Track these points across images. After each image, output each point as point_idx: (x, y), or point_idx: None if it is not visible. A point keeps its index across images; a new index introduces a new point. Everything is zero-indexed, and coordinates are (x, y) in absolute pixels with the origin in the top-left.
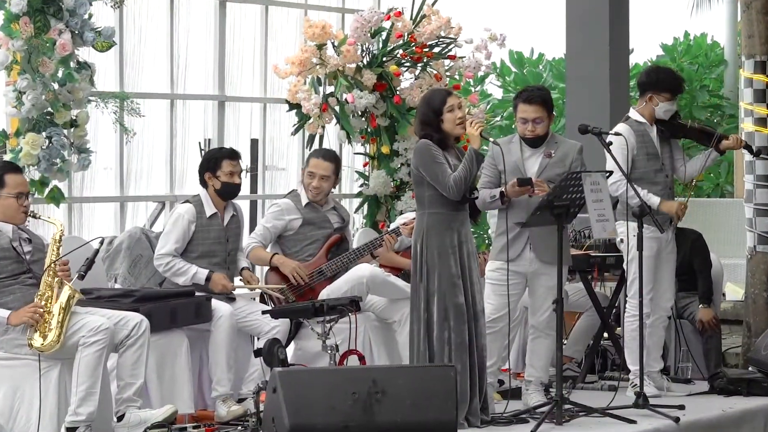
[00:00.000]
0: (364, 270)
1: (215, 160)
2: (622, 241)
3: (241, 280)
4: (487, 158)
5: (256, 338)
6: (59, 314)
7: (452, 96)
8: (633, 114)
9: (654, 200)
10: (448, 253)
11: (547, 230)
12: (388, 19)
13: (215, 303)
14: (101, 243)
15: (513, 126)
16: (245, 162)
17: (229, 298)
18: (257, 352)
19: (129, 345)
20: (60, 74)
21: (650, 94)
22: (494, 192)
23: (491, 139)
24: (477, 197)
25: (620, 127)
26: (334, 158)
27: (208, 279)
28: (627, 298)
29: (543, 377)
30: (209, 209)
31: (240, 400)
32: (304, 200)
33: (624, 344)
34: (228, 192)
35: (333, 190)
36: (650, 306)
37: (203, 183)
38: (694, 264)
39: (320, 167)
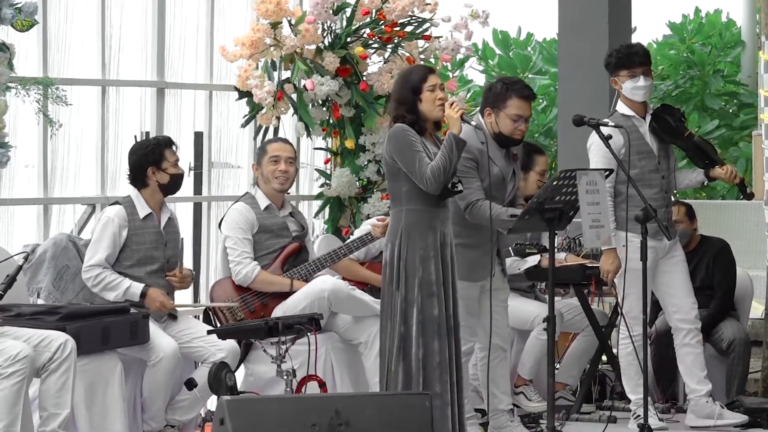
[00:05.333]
0: (325, 283)
1: (158, 151)
2: None
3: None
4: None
5: (200, 363)
6: None
7: (434, 75)
8: (620, 107)
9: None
10: (430, 256)
11: (510, 239)
12: None
13: (157, 339)
14: (26, 258)
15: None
16: (188, 159)
17: (171, 316)
18: (189, 384)
19: (52, 370)
20: None
21: (612, 78)
22: (516, 211)
23: (473, 123)
24: (461, 190)
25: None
26: (291, 144)
27: (143, 295)
28: (621, 317)
29: (510, 402)
30: (143, 210)
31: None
32: (263, 203)
33: (635, 370)
34: (176, 185)
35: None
36: (655, 324)
37: (141, 181)
38: (715, 277)
39: (284, 150)
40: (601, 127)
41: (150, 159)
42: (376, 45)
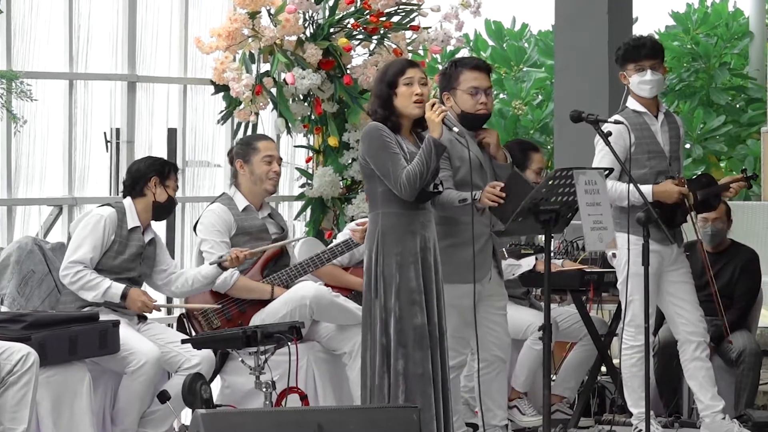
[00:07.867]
0: (307, 289)
1: (167, 167)
2: (614, 255)
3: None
4: None
5: (173, 373)
6: None
7: (414, 68)
8: (631, 102)
9: (646, 189)
10: (408, 262)
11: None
12: None
13: (137, 344)
14: None
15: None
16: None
17: (140, 316)
18: (162, 396)
19: (11, 383)
20: None
21: (620, 72)
22: (465, 195)
23: (455, 129)
24: (441, 191)
25: (615, 118)
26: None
27: (124, 296)
28: (624, 326)
29: (505, 417)
30: (132, 221)
31: None
32: (242, 204)
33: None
34: (168, 209)
35: None
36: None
37: (139, 190)
38: (737, 288)
39: (275, 149)
40: (601, 124)
41: (157, 170)
42: (360, 36)
